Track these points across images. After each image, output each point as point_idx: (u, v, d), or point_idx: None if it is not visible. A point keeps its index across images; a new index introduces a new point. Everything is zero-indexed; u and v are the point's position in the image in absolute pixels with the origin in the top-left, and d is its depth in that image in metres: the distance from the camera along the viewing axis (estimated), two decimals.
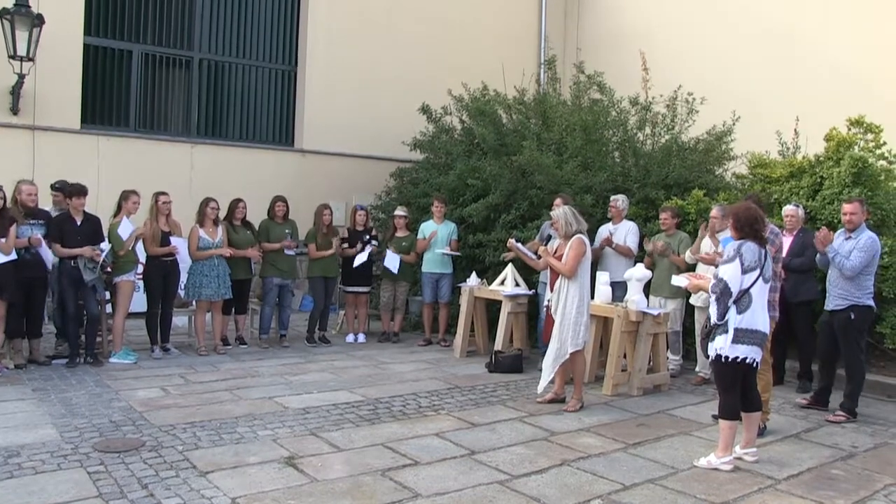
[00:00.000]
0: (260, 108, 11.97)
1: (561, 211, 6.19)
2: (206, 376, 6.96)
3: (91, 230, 7.16)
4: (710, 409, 6.24)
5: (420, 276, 9.27)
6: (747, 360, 4.72)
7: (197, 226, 8.01)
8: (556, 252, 6.28)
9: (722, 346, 4.70)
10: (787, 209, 7.20)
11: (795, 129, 9.15)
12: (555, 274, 6.24)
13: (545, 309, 6.65)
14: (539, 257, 6.51)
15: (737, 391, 4.77)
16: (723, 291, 4.68)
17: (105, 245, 7.18)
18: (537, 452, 4.96)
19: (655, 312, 6.88)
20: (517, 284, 8.21)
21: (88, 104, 10.51)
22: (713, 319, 4.76)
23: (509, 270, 8.21)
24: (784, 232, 6.95)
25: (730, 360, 4.70)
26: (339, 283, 9.35)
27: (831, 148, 7.95)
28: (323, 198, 10.05)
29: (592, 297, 7.13)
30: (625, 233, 7.99)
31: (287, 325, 8.85)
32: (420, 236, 9.14)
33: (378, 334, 9.43)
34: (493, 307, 8.49)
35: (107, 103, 10.73)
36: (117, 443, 4.85)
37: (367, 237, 9.17)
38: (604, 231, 8.09)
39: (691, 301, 7.43)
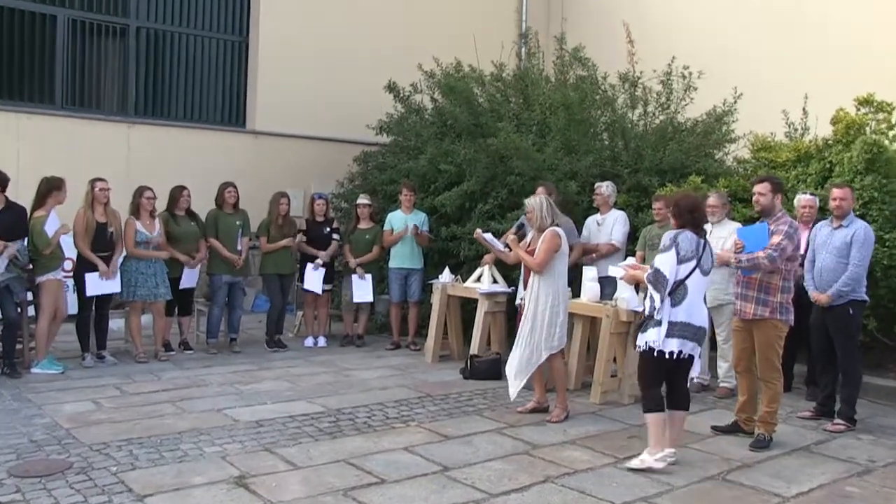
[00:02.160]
0: (206, 83, 11.83)
1: (537, 200, 6.23)
2: (145, 387, 6.88)
3: (10, 221, 6.98)
4: (710, 418, 6.29)
5: (387, 273, 9.27)
6: (681, 355, 4.99)
7: (132, 217, 7.90)
8: (529, 246, 6.31)
9: (655, 339, 4.98)
10: (804, 199, 7.17)
11: (804, 108, 9.16)
12: (527, 270, 6.29)
13: (518, 307, 6.71)
14: (506, 246, 6.60)
15: (660, 385, 5.12)
16: (657, 281, 4.95)
17: (19, 244, 7.01)
18: (518, 468, 4.95)
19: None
20: (495, 281, 8.20)
21: (4, 77, 10.27)
22: (647, 310, 5.07)
23: (486, 265, 8.20)
24: (800, 225, 6.97)
25: (662, 353, 4.97)
26: (297, 281, 9.33)
27: (839, 131, 7.97)
28: (279, 185, 9.94)
29: (577, 295, 7.14)
30: (612, 223, 8.00)
31: (238, 328, 8.82)
32: (387, 227, 9.13)
33: (340, 337, 9.41)
34: (468, 306, 8.52)
35: (27, 76, 10.49)
36: (38, 465, 4.73)
37: (328, 230, 9.17)
38: (591, 224, 8.11)
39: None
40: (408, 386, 7.19)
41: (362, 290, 9.06)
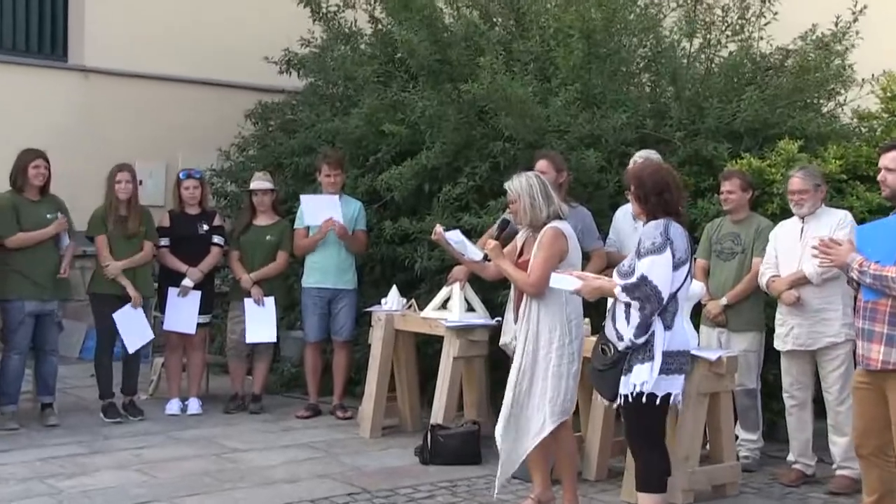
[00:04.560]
0: None
1: (523, 182, 6.24)
2: None
3: None
4: None
5: (299, 295, 9.25)
6: (676, 399, 5.60)
7: None
8: (519, 253, 6.36)
9: (645, 379, 5.42)
10: None
11: None
12: (520, 292, 6.30)
13: (505, 349, 6.82)
14: (484, 257, 6.52)
15: (663, 443, 5.69)
16: (646, 296, 5.39)
17: None
18: None
19: (713, 356, 6.86)
20: (470, 308, 8.18)
21: None
22: (626, 339, 5.46)
23: (456, 284, 8.14)
24: None
25: (657, 398, 5.44)
26: (155, 311, 9.27)
27: None
28: (122, 155, 9.80)
29: (597, 330, 7.05)
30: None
31: (54, 387, 8.72)
32: (299, 224, 9.14)
33: (225, 398, 9.37)
34: (428, 348, 8.55)
35: None
36: None
37: (205, 228, 9.11)
38: (623, 219, 8.06)
39: (776, 341, 7.45)
40: (333, 477, 7.17)
41: (260, 323, 9.03)
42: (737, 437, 7.44)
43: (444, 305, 8.23)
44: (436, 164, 9.08)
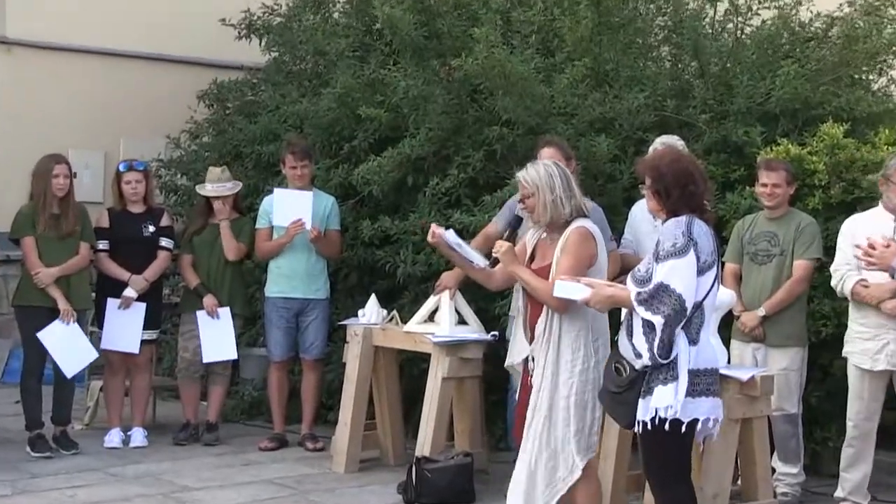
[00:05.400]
0: None
1: (541, 171, 6.17)
2: None
3: None
4: None
5: (261, 306, 9.31)
6: (708, 423, 5.52)
7: None
8: (531, 257, 6.33)
9: (670, 402, 5.35)
10: None
11: None
12: (536, 304, 6.22)
13: (520, 374, 6.62)
14: (492, 262, 6.47)
15: (689, 478, 5.66)
16: (672, 308, 5.34)
17: None
18: None
19: (745, 375, 6.85)
20: (461, 321, 8.21)
21: None
22: (645, 357, 5.42)
23: (445, 293, 8.14)
24: None
25: (682, 425, 5.38)
26: (93, 326, 9.29)
27: None
28: (52, 143, 9.81)
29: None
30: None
31: None
32: (262, 223, 9.20)
33: (175, 428, 9.38)
34: (412, 367, 8.67)
35: None
36: None
37: (151, 229, 9.11)
38: (640, 216, 8.05)
39: (857, 359, 7.40)
40: None
41: (216, 339, 9.06)
42: (774, 471, 7.41)
43: (431, 318, 8.23)
44: (421, 153, 9.11)
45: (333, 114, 9.63)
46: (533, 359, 6.24)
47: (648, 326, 5.38)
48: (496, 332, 8.11)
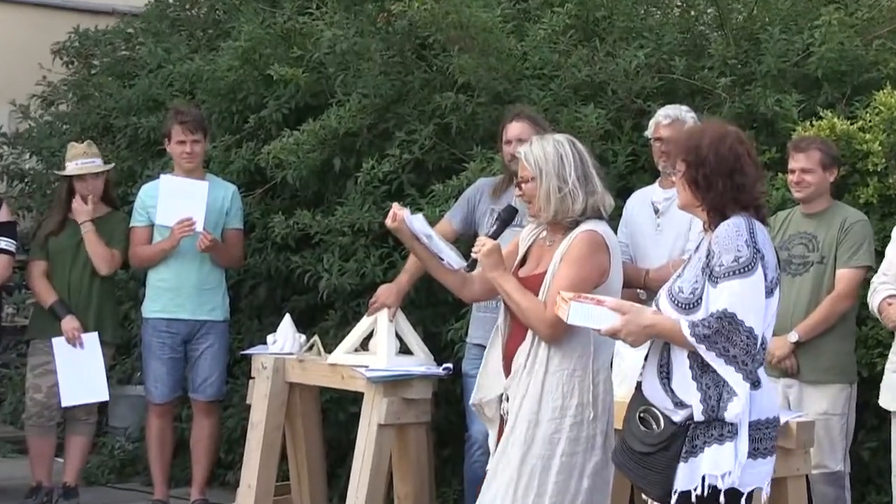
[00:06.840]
0: None
1: (545, 151, 6.07)
2: None
3: None
4: None
5: (140, 330, 9.34)
6: (762, 488, 5.50)
7: None
8: (522, 259, 6.33)
9: (729, 468, 5.19)
10: None
11: None
12: (519, 325, 6.17)
13: (490, 420, 6.62)
14: (470, 263, 6.42)
15: None
16: (747, 352, 5.13)
17: None
18: None
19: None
20: (405, 349, 8.26)
21: None
22: (697, 410, 5.22)
23: (383, 312, 8.16)
24: None
25: (741, 497, 5.31)
26: None
27: None
28: None
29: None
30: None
31: None
32: (140, 221, 9.25)
33: (20, 493, 9.42)
34: (338, 411, 8.90)
35: None
36: None
37: None
38: (639, 210, 8.15)
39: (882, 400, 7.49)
40: None
41: (79, 374, 9.06)
42: None
43: (363, 345, 8.25)
44: (352, 126, 9.13)
45: (235, 75, 9.65)
46: (507, 398, 6.18)
47: (700, 368, 5.21)
48: (449, 365, 8.10)
